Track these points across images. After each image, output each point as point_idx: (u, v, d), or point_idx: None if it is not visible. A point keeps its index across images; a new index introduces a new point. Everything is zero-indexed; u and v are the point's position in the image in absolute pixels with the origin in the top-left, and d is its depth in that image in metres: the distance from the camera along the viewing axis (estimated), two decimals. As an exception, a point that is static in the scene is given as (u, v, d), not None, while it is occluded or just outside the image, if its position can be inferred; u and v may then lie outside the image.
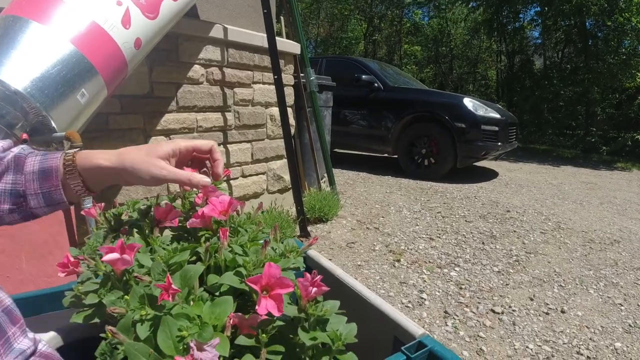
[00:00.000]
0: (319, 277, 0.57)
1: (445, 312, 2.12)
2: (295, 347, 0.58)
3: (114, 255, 0.54)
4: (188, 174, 0.66)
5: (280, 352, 0.55)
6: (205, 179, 0.67)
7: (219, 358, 0.47)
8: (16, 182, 0.62)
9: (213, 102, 2.70)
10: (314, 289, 0.56)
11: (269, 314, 0.53)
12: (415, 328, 0.93)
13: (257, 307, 0.52)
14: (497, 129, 5.08)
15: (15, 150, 0.65)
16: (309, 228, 3.03)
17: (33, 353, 0.58)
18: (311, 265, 1.21)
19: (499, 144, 5.12)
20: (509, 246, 3.06)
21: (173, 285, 0.49)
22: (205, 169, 0.76)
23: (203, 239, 0.77)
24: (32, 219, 0.67)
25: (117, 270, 0.57)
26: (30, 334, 0.60)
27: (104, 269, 0.59)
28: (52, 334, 0.74)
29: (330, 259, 1.18)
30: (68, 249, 0.78)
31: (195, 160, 0.76)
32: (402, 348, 0.88)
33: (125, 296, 0.55)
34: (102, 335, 0.47)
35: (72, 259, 0.62)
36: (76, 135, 1.41)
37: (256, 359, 0.52)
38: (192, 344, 0.46)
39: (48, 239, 1.42)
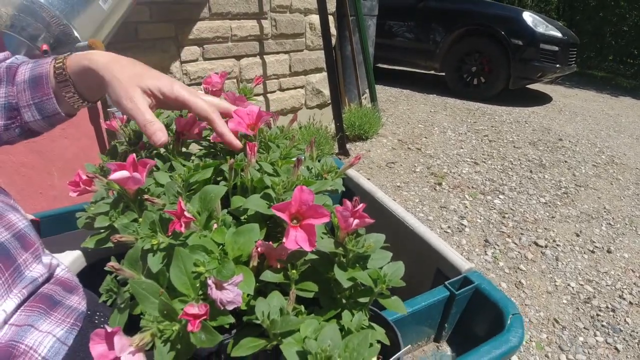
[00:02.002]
0: (361, 205, 0.47)
1: (486, 240, 2.04)
2: (330, 284, 0.50)
3: (123, 174, 0.46)
4: (148, 118, 0.51)
5: (312, 290, 0.47)
6: (162, 136, 0.51)
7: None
8: (8, 94, 0.56)
9: (248, 8, 2.50)
10: (356, 221, 0.46)
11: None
12: (462, 262, 0.85)
13: (284, 240, 0.44)
14: (557, 49, 4.59)
15: (8, 61, 0.59)
16: (347, 146, 2.93)
17: (47, 280, 0.54)
18: (350, 185, 1.12)
19: (558, 65, 4.65)
20: (559, 177, 2.87)
21: (186, 213, 0.41)
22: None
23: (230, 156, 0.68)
24: (33, 136, 0.60)
25: (130, 190, 0.50)
26: (47, 258, 0.55)
27: (117, 188, 0.52)
28: (75, 254, 0.70)
29: (368, 179, 1.10)
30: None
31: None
32: (446, 283, 0.80)
33: (140, 219, 0.48)
34: (107, 268, 0.40)
35: (84, 177, 0.55)
36: (99, 43, 1.32)
37: (284, 296, 0.45)
38: (210, 282, 0.39)
39: (78, 152, 1.39)
